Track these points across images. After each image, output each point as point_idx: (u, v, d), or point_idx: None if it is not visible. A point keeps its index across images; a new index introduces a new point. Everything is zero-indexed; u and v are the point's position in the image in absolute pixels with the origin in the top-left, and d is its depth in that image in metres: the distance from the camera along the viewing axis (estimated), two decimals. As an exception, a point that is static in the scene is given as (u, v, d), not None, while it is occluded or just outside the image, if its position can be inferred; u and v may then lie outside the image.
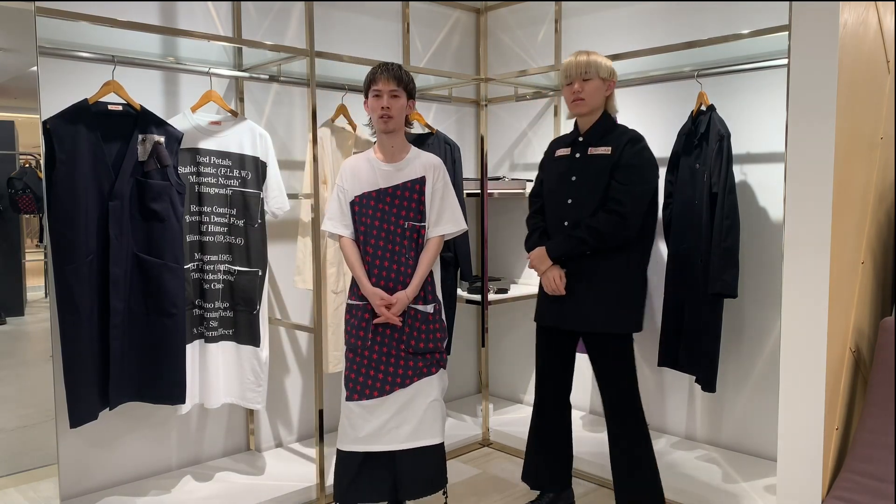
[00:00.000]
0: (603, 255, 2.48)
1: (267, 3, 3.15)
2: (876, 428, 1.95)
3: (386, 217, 2.46)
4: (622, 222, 2.42)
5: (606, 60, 2.53)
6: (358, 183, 2.49)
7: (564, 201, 2.56)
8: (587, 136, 2.56)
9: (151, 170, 2.54)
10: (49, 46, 2.56)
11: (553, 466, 2.72)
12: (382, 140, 2.51)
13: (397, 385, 2.47)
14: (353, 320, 2.51)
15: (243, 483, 2.86)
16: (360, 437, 2.46)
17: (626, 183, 2.44)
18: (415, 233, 2.49)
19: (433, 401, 2.51)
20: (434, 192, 2.51)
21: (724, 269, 2.74)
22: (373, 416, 2.46)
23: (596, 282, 2.50)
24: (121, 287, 2.49)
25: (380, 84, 2.42)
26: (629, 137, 2.49)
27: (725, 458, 3.05)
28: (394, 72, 2.43)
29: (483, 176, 3.38)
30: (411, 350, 2.48)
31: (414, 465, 2.50)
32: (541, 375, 2.71)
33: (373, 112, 2.47)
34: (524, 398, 4.02)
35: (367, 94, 2.49)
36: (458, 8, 3.91)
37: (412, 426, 2.47)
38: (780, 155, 2.93)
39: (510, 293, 3.62)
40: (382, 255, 2.46)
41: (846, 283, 1.99)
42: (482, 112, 3.67)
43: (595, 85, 2.50)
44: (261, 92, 3.16)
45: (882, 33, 2.10)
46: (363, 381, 2.47)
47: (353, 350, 2.50)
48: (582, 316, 2.51)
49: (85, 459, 2.75)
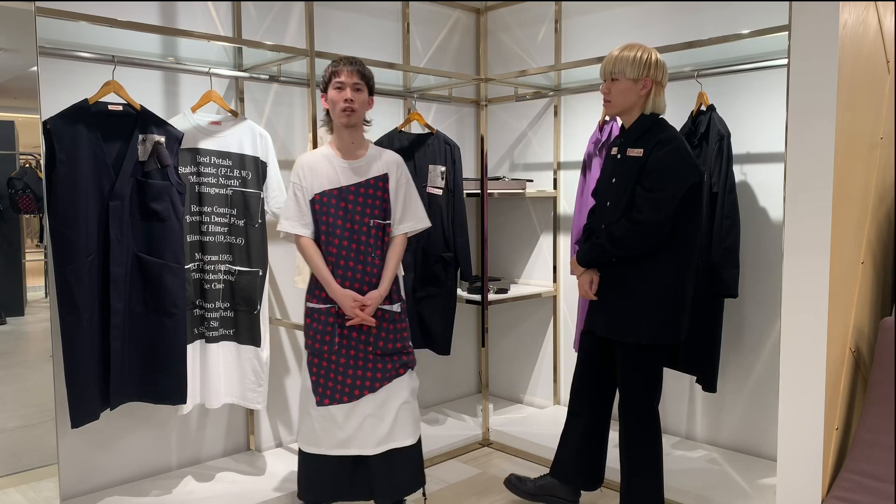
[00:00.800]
0: (630, 262, 2.41)
1: (267, 3, 3.15)
2: (876, 428, 1.95)
3: (350, 215, 2.40)
4: (639, 230, 2.33)
5: (643, 56, 2.37)
6: (318, 180, 2.41)
7: (605, 203, 2.50)
8: (625, 137, 2.47)
9: (152, 170, 2.54)
10: (49, 46, 2.56)
11: (578, 465, 2.65)
12: (342, 135, 2.43)
13: (367, 389, 2.42)
14: (317, 325, 2.43)
15: (243, 483, 2.86)
16: (332, 441, 2.42)
17: (647, 189, 2.34)
18: (380, 231, 2.45)
19: (404, 403, 2.46)
20: (398, 189, 2.48)
21: (725, 269, 2.74)
22: (345, 420, 2.41)
23: (618, 289, 2.45)
24: (121, 287, 2.49)
25: (343, 76, 2.36)
26: (657, 139, 2.35)
27: (725, 458, 3.05)
28: (357, 65, 2.39)
29: (483, 176, 3.38)
30: (379, 352, 2.43)
31: (389, 467, 2.46)
32: (577, 376, 2.67)
33: (334, 105, 2.38)
34: (524, 398, 4.02)
35: (326, 87, 2.41)
36: (458, 8, 3.91)
37: (385, 429, 2.43)
38: (780, 155, 2.93)
39: (510, 293, 3.62)
40: (347, 255, 2.41)
41: (846, 283, 1.99)
42: (482, 112, 3.67)
43: (623, 86, 2.39)
44: (261, 92, 3.16)
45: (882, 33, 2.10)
46: (332, 385, 2.41)
47: (319, 355, 2.43)
48: (603, 321, 2.49)
49: (85, 459, 2.75)
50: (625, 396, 2.50)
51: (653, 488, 2.48)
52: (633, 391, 2.48)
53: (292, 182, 2.45)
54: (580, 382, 2.66)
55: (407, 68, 3.33)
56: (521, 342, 4.00)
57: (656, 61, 2.40)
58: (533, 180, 3.85)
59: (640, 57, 2.37)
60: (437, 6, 3.82)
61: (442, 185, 3.39)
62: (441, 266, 3.38)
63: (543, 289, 3.77)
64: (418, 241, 3.39)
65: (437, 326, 3.39)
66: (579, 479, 2.67)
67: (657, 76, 2.41)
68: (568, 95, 3.67)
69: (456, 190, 3.41)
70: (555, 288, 3.79)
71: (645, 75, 2.38)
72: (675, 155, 2.34)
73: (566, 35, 3.65)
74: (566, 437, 2.69)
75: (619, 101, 2.41)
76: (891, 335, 2.01)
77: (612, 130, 3.19)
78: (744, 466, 2.96)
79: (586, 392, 2.64)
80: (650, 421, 2.48)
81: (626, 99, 2.40)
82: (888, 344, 2.01)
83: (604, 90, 2.44)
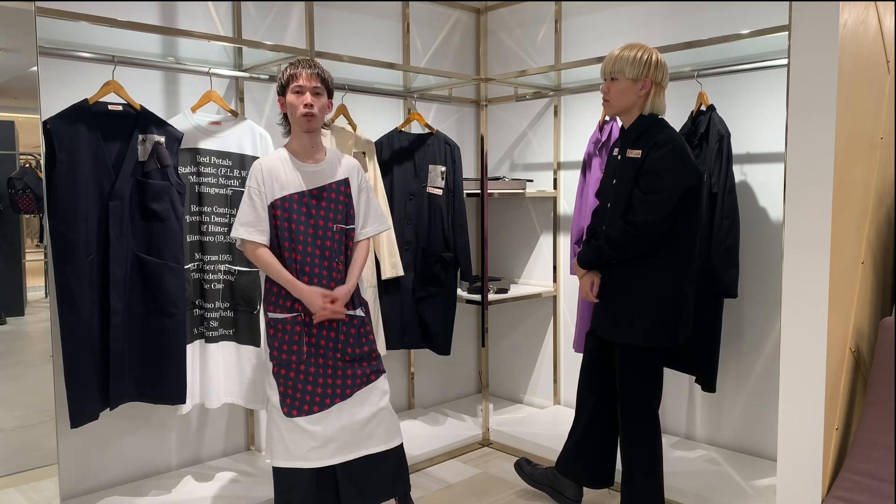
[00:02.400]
0: (627, 263, 2.41)
1: (267, 3, 3.15)
2: (876, 428, 1.95)
3: (314, 220, 2.36)
4: (634, 232, 2.33)
5: (643, 56, 2.36)
6: (278, 184, 2.34)
7: (606, 205, 2.50)
8: (624, 137, 2.47)
9: (151, 170, 2.54)
10: (49, 46, 2.56)
11: (586, 463, 2.67)
12: (301, 139, 2.39)
13: (338, 396, 2.37)
14: (282, 335, 2.35)
15: (243, 483, 2.86)
16: (307, 453, 2.33)
17: (643, 191, 2.35)
18: (344, 235, 2.42)
19: (381, 408, 2.43)
20: (360, 193, 2.47)
21: (725, 269, 2.74)
22: (318, 430, 2.34)
23: (621, 292, 2.46)
24: (121, 287, 2.49)
25: (302, 80, 2.31)
26: (655, 141, 2.35)
27: (725, 458, 3.05)
28: (317, 68, 2.34)
29: (483, 176, 3.38)
30: (348, 358, 2.39)
31: (369, 472, 2.42)
32: (582, 374, 2.70)
33: (293, 109, 2.33)
34: (524, 398, 4.02)
35: (284, 90, 2.35)
36: (458, 8, 3.91)
37: (364, 435, 2.39)
38: (780, 155, 2.93)
39: (510, 293, 3.62)
40: (312, 261, 2.36)
41: (846, 283, 1.99)
42: (482, 112, 3.67)
43: (622, 86, 2.38)
44: (261, 92, 3.16)
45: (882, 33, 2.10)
46: (301, 396, 2.34)
47: (286, 366, 2.35)
48: (607, 324, 2.50)
49: (85, 459, 2.75)
50: (623, 396, 2.51)
51: (652, 486, 2.49)
52: (631, 391, 2.48)
53: (249, 186, 2.35)
54: (584, 381, 2.69)
55: (407, 68, 3.33)
56: (521, 342, 4.00)
57: (657, 62, 2.39)
58: (533, 180, 3.85)
59: (640, 57, 2.36)
60: (437, 6, 3.82)
61: (442, 185, 3.39)
62: (441, 266, 3.38)
63: (543, 289, 3.77)
64: (418, 241, 3.39)
65: (437, 326, 3.39)
66: (582, 476, 2.69)
67: (657, 77, 2.40)
68: (568, 95, 3.67)
69: (456, 190, 3.41)
70: (555, 288, 3.79)
71: (644, 75, 2.37)
72: (672, 157, 2.33)
73: (566, 35, 3.65)
74: (571, 432, 2.73)
75: (618, 100, 2.41)
76: (891, 335, 2.01)
77: (613, 130, 3.19)
78: (744, 466, 2.96)
79: (588, 391, 2.66)
80: (648, 420, 2.48)
81: (626, 99, 2.40)
82: (888, 344, 2.01)
83: (603, 90, 2.44)
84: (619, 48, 2.42)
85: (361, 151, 3.15)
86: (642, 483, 2.49)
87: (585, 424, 2.66)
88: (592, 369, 2.65)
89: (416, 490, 2.84)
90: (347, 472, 2.41)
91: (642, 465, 2.49)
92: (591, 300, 2.52)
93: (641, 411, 2.48)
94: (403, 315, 3.36)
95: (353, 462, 2.40)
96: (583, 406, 2.68)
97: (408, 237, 3.37)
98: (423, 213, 3.40)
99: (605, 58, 2.44)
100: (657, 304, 2.40)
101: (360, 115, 3.42)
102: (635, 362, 2.46)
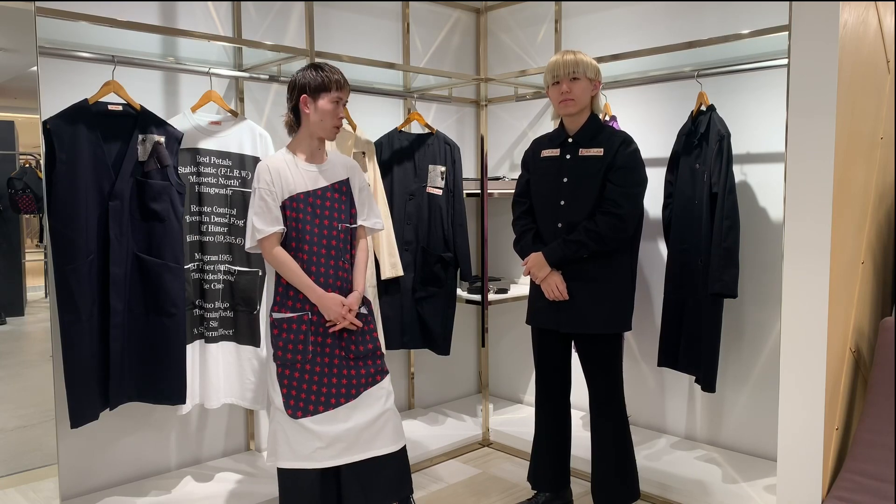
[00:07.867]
0: (596, 257, 2.49)
1: (267, 3, 3.15)
2: (876, 428, 1.95)
3: (320, 220, 2.39)
4: (620, 224, 2.44)
5: (592, 60, 2.54)
6: (285, 184, 2.36)
7: (557, 203, 2.55)
8: (577, 138, 2.54)
9: (151, 170, 2.54)
10: (49, 46, 2.56)
11: (554, 466, 2.73)
12: (313, 143, 2.42)
13: (343, 397, 2.37)
14: (287, 334, 2.34)
15: (243, 483, 2.86)
16: (312, 453, 2.33)
17: (623, 185, 2.46)
18: (348, 234, 2.45)
19: (385, 410, 2.42)
20: (360, 192, 2.51)
21: (724, 269, 2.74)
22: (323, 431, 2.34)
23: (592, 284, 2.51)
24: (121, 287, 2.49)
25: (343, 93, 2.39)
26: (622, 139, 2.50)
27: (725, 458, 3.05)
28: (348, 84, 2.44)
29: (483, 176, 3.38)
30: (352, 356, 2.40)
31: (375, 475, 2.42)
32: (540, 377, 2.72)
33: (326, 116, 2.36)
34: (524, 398, 4.02)
35: (317, 94, 2.35)
36: (458, 8, 3.91)
37: (368, 436, 2.39)
38: (780, 155, 2.93)
39: (510, 293, 3.62)
40: (319, 260, 2.37)
41: (846, 283, 1.99)
42: (482, 112, 3.67)
43: (583, 85, 2.49)
44: (261, 92, 3.16)
45: (882, 33, 2.10)
46: (306, 396, 2.34)
47: (290, 366, 2.34)
48: (579, 318, 2.52)
49: (85, 459, 2.75)
50: (602, 391, 2.58)
51: (636, 478, 2.63)
52: (609, 383, 2.57)
53: (259, 188, 2.33)
54: (545, 385, 2.71)
55: (407, 68, 3.33)
56: (521, 342, 4.00)
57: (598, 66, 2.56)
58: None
59: (592, 60, 2.53)
60: (437, 6, 3.82)
61: (442, 185, 3.39)
62: (441, 266, 3.39)
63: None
64: (418, 241, 3.39)
65: (437, 326, 3.39)
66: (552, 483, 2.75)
67: (601, 79, 2.58)
68: (568, 95, 3.67)
69: (456, 190, 3.41)
70: (555, 288, 3.78)
71: (596, 77, 2.53)
72: (638, 153, 2.52)
73: (566, 35, 3.65)
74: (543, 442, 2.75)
75: (580, 100, 2.51)
76: (891, 335, 2.01)
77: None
78: (744, 466, 2.96)
79: (549, 394, 2.71)
80: (625, 410, 2.62)
81: (585, 98, 2.52)
82: (888, 344, 2.01)
83: (564, 90, 2.49)
84: (561, 53, 2.52)
85: (361, 151, 3.15)
86: (627, 478, 2.60)
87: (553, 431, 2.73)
88: (553, 372, 2.69)
89: (416, 490, 2.84)
90: (354, 473, 2.41)
91: (626, 459, 2.60)
92: (563, 298, 2.53)
93: (621, 403, 2.60)
94: (403, 315, 3.36)
95: (359, 464, 2.40)
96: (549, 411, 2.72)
97: (408, 237, 3.37)
98: (422, 213, 3.40)
99: (555, 62, 2.51)
100: (631, 292, 2.65)
101: (359, 115, 3.42)
102: (616, 351, 2.58)
